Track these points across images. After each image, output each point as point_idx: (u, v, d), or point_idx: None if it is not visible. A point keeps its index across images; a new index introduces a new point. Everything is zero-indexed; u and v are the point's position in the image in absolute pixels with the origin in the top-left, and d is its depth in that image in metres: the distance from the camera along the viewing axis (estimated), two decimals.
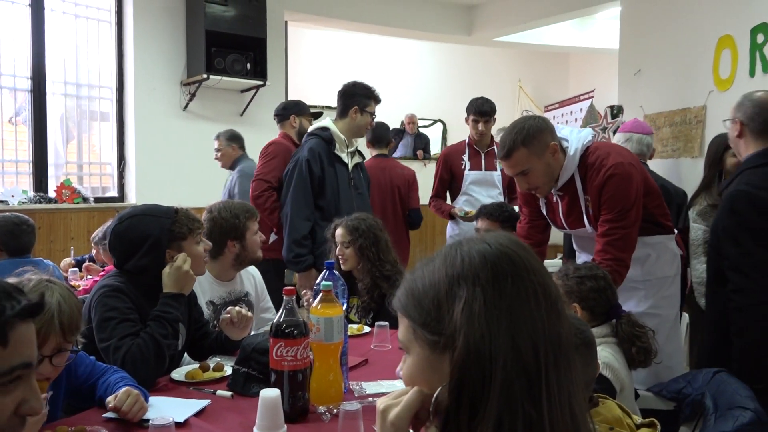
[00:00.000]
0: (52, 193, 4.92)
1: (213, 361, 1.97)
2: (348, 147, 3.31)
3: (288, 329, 1.57)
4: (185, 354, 2.16)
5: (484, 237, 0.86)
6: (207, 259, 2.16)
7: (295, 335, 1.57)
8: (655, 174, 3.21)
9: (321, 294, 1.66)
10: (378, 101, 3.34)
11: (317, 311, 1.63)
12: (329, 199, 3.20)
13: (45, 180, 4.97)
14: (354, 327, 2.46)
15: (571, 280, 2.02)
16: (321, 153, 3.19)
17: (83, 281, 3.50)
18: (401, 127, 8.04)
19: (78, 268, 3.74)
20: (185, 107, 5.41)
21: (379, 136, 4.28)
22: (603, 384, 1.77)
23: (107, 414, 1.54)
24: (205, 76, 5.10)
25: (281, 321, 1.58)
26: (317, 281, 1.86)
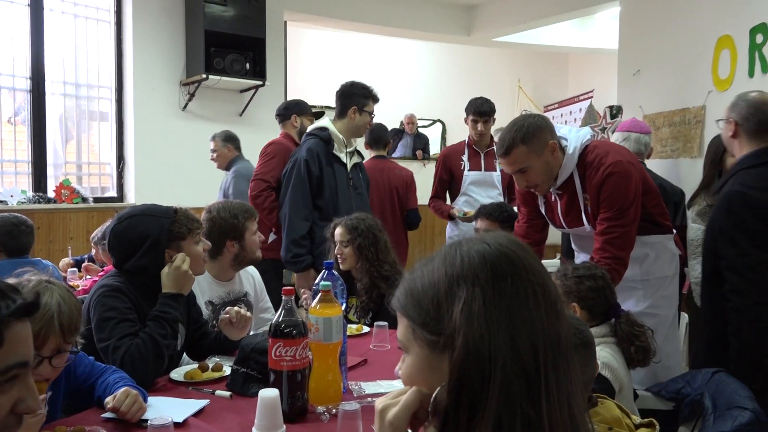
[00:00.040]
0: (51, 193, 4.91)
1: (212, 361, 1.97)
2: (347, 147, 3.30)
3: (287, 329, 1.57)
4: (184, 354, 2.16)
5: (483, 237, 0.86)
6: (206, 259, 2.16)
7: (294, 335, 1.57)
8: (653, 173, 3.21)
9: (320, 294, 1.66)
10: (376, 100, 3.33)
11: (316, 311, 1.62)
12: (327, 199, 3.19)
13: (44, 180, 4.96)
14: (353, 327, 2.46)
15: (570, 279, 2.02)
16: (319, 153, 3.19)
17: (82, 281, 3.50)
18: (400, 127, 8.03)
19: (77, 268, 3.74)
20: (184, 107, 5.41)
21: (378, 137, 4.29)
22: (602, 384, 1.77)
23: (106, 414, 1.54)
24: (205, 76, 5.09)
25: (280, 321, 1.58)
26: (316, 281, 1.86)
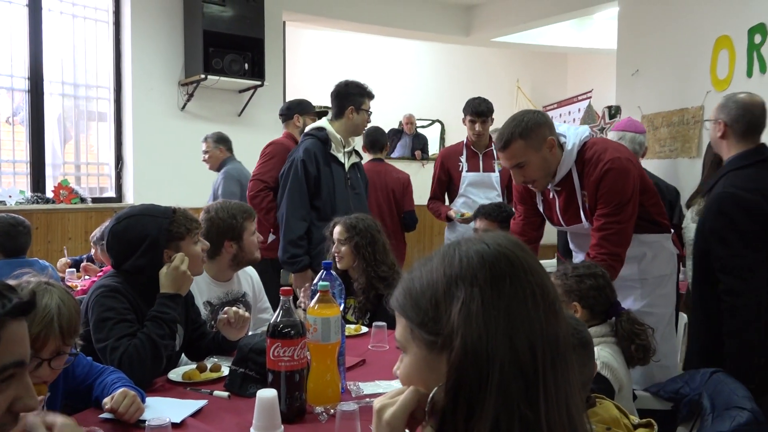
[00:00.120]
0: (49, 194, 4.91)
1: (210, 362, 1.97)
2: (345, 147, 3.30)
3: (285, 329, 1.56)
4: (182, 354, 2.16)
5: (482, 237, 0.85)
6: (204, 260, 2.16)
7: (293, 335, 1.56)
8: (648, 172, 3.21)
9: (318, 294, 1.65)
10: (372, 97, 3.33)
11: (314, 311, 1.62)
12: (325, 200, 3.19)
13: (42, 180, 4.96)
14: (351, 327, 2.46)
15: (570, 279, 2.02)
16: (317, 153, 3.18)
17: (81, 281, 3.50)
18: (399, 128, 8.03)
19: (75, 268, 3.73)
20: (183, 107, 5.40)
21: (375, 141, 4.30)
22: (602, 384, 1.77)
23: (104, 415, 1.53)
24: (203, 76, 5.09)
25: (278, 321, 1.58)
26: (314, 281, 1.86)
